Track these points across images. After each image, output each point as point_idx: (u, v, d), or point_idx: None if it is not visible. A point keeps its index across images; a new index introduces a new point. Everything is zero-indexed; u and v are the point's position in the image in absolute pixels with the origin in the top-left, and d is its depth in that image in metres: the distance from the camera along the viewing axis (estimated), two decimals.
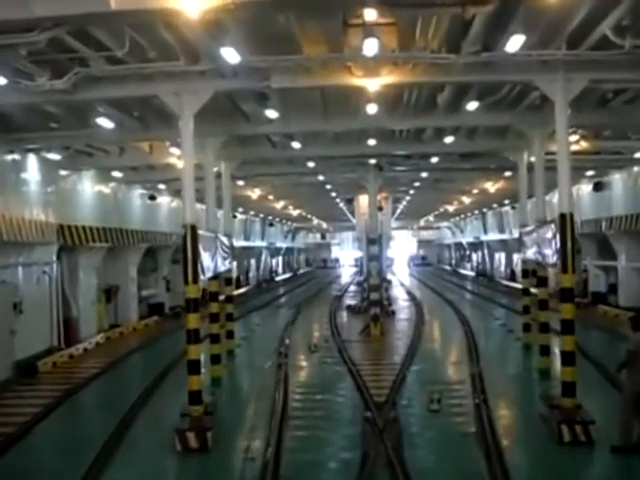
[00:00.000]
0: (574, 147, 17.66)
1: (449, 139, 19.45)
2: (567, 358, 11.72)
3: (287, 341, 22.31)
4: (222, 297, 19.49)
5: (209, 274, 13.98)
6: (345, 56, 11.19)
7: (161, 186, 28.27)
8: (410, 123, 17.23)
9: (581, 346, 14.04)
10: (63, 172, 21.39)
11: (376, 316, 23.12)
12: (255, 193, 33.40)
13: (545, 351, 16.25)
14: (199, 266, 12.11)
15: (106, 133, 16.27)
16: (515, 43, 10.28)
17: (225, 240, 16.83)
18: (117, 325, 26.41)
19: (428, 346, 21.65)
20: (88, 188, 23.41)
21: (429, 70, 11.75)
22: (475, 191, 35.51)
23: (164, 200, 31.07)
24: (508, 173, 25.99)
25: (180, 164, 14.45)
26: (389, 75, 11.81)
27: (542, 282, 16.57)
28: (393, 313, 29.14)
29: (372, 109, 14.89)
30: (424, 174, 27.38)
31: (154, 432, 12.33)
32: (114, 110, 14.90)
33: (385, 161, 23.56)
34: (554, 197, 24.75)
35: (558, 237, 11.88)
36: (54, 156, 19.55)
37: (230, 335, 20.23)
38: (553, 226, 12.54)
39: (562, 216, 11.76)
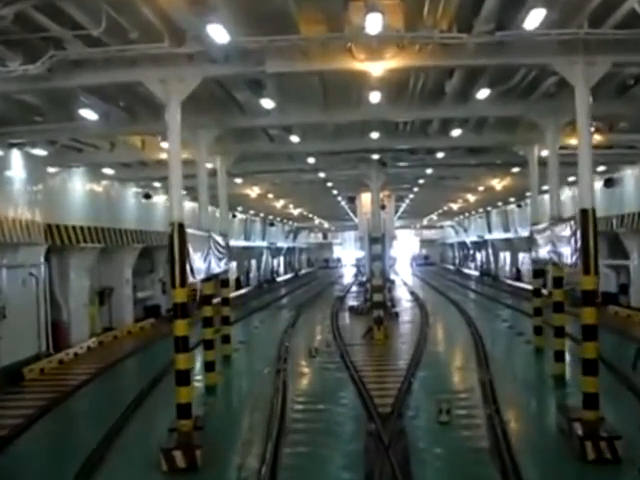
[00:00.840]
0: None
1: (456, 132, 18.54)
2: (589, 367, 10.78)
3: (287, 345, 21.56)
4: (218, 300, 18.57)
5: (200, 276, 13.08)
6: (346, 35, 10.14)
7: (156, 184, 27.39)
8: (415, 114, 16.25)
9: None
10: (51, 169, 20.53)
11: (379, 319, 22.25)
12: (254, 191, 32.61)
13: (560, 356, 15.49)
14: (188, 267, 11.18)
15: (92, 126, 15.46)
16: (534, 19, 9.27)
17: (220, 240, 15.96)
18: (111, 328, 25.71)
19: (434, 350, 20.80)
20: (79, 186, 22.58)
21: (437, 52, 10.75)
22: (480, 188, 34.72)
23: (160, 199, 30.13)
24: (515, 169, 25.17)
25: None
26: (393, 58, 10.75)
27: (557, 283, 15.62)
28: (397, 315, 28.41)
29: (375, 97, 13.89)
30: (429, 170, 26.54)
31: (141, 448, 11.39)
32: (98, 100, 14.02)
33: (388, 156, 22.66)
34: (563, 193, 23.99)
35: (578, 235, 10.97)
36: (40, 152, 18.71)
37: (226, 340, 19.36)
38: (572, 223, 11.63)
39: (583, 212, 10.88)
